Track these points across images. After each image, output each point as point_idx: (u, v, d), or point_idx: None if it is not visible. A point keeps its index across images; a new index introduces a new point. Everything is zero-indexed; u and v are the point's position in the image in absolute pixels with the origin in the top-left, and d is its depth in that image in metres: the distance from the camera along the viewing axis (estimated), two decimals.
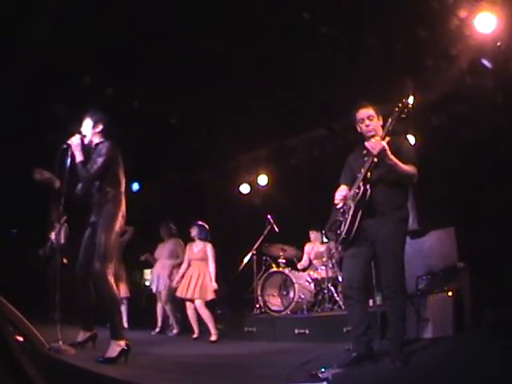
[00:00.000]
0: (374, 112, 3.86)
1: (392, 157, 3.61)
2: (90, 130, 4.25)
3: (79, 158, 4.08)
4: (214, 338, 6.36)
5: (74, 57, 5.34)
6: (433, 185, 5.57)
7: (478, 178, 5.72)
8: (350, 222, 3.75)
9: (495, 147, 5.56)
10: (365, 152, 3.87)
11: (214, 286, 6.55)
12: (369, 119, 3.84)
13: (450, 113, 6.22)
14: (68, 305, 4.15)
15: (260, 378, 3.72)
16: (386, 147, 3.58)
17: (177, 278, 6.87)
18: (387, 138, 3.79)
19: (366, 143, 3.71)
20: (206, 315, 6.47)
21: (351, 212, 3.76)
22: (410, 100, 3.58)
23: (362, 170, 3.75)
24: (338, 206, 3.90)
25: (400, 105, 3.60)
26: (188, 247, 6.92)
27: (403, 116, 3.61)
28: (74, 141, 4.13)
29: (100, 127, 4.26)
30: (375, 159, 3.67)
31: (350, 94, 3.97)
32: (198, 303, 6.48)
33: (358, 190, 3.74)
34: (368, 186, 3.71)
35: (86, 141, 4.23)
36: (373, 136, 3.80)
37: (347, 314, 4.12)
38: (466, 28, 5.02)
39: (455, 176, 5.95)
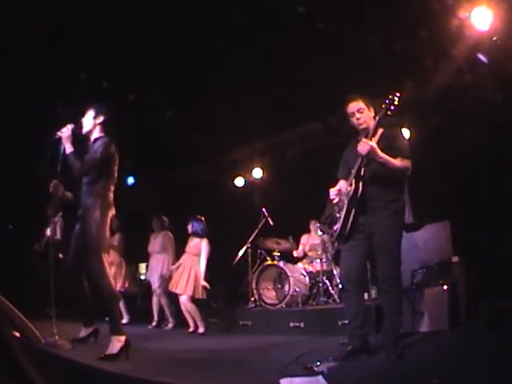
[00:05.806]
0: (364, 104, 3.83)
1: (382, 154, 3.59)
2: (90, 120, 4.21)
3: (69, 149, 4.07)
4: (201, 330, 6.43)
5: (71, 51, 5.32)
6: (428, 179, 5.58)
7: (473, 173, 5.73)
8: (344, 219, 3.77)
9: (491, 143, 5.57)
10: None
11: (204, 283, 6.55)
12: (359, 112, 3.82)
13: (446, 109, 6.22)
14: (63, 300, 4.15)
15: (255, 371, 3.72)
16: (375, 146, 3.56)
17: (172, 267, 6.91)
18: (380, 130, 3.80)
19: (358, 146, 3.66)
20: (191, 309, 6.51)
21: (345, 209, 3.78)
22: (396, 97, 3.52)
23: (354, 168, 3.75)
24: (334, 202, 3.92)
25: (387, 101, 3.55)
26: (189, 240, 6.89)
27: (390, 113, 3.56)
28: (65, 132, 4.11)
29: (101, 119, 4.20)
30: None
31: (345, 87, 3.96)
32: (183, 298, 6.50)
33: (350, 188, 3.75)
34: (360, 184, 3.70)
35: (85, 131, 4.20)
36: (365, 129, 3.82)
37: (344, 307, 4.13)
38: (462, 23, 5.01)
39: (451, 171, 5.95)
